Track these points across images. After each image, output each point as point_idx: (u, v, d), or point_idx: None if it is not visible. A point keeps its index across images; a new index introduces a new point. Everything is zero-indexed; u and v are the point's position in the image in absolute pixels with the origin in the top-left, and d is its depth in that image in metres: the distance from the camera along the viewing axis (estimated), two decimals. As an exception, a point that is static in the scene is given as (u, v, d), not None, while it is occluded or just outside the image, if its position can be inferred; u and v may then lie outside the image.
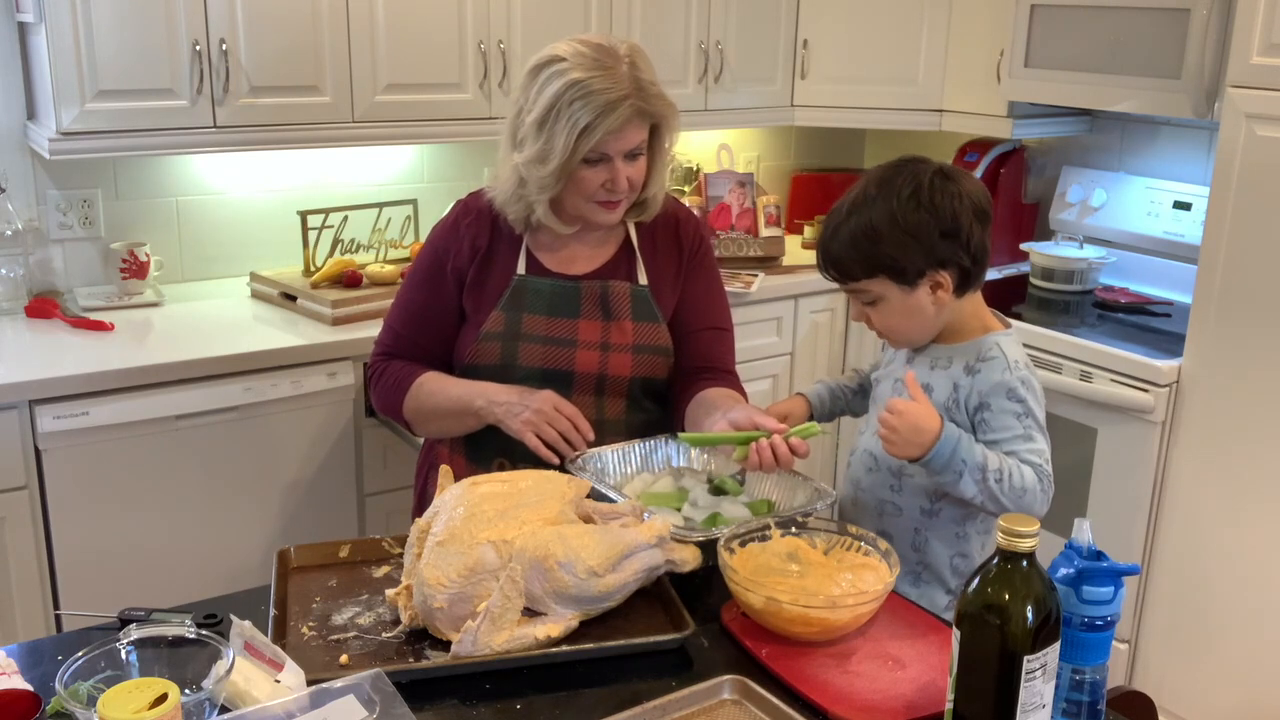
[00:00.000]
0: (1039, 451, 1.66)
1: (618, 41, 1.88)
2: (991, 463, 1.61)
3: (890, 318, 1.71)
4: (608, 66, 1.81)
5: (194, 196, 2.95)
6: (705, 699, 1.33)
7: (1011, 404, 1.66)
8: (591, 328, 1.95)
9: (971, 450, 1.61)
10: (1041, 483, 1.64)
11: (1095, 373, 2.71)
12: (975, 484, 1.61)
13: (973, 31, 3.28)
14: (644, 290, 1.99)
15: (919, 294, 1.67)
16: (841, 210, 1.70)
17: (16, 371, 2.27)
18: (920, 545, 1.76)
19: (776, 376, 3.33)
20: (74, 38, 2.41)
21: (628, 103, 1.80)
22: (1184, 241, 3.09)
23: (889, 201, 1.64)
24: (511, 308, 1.95)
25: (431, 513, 1.53)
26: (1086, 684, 1.23)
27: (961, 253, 1.65)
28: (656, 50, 3.19)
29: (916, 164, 1.69)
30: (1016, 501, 1.62)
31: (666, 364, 2.00)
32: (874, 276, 1.67)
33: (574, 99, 1.80)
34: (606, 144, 1.82)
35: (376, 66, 2.77)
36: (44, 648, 1.43)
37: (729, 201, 3.35)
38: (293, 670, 1.27)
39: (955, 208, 1.64)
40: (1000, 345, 1.70)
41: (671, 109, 1.90)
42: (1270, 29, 2.37)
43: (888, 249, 1.64)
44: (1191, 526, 2.62)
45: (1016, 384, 1.67)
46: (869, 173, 1.72)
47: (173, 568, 2.45)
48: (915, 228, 1.63)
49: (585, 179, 1.86)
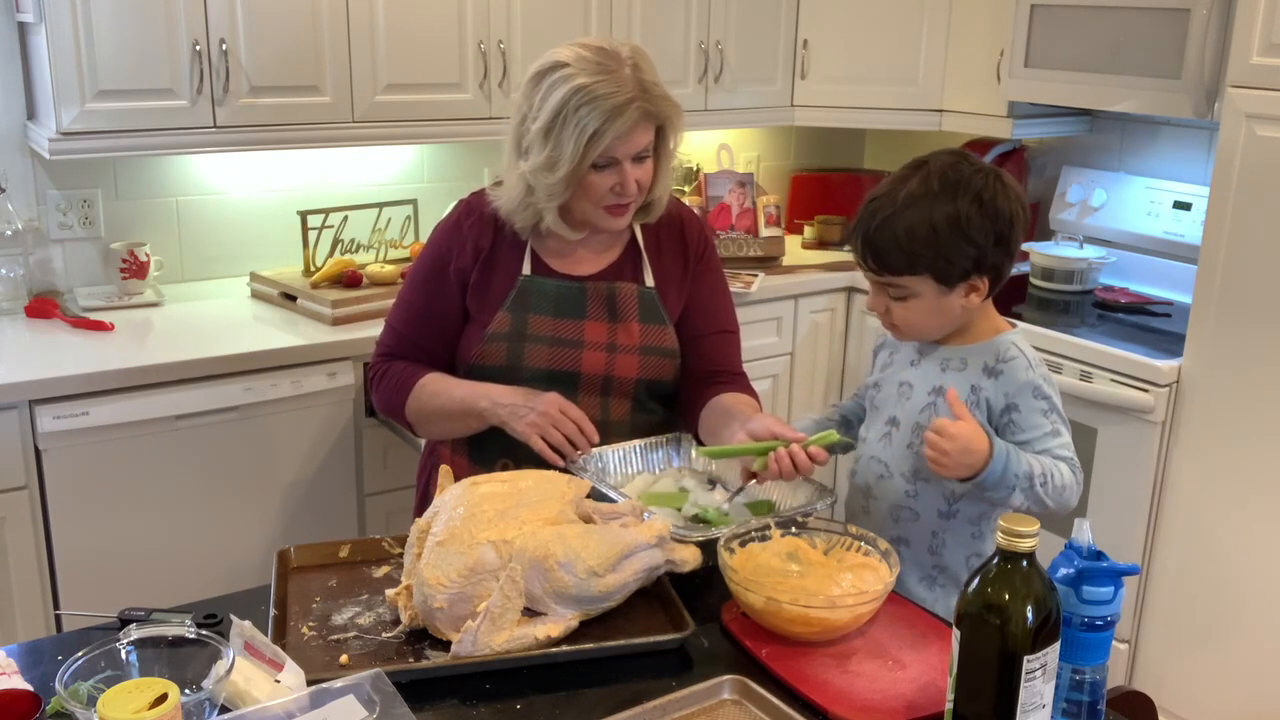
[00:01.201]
0: (1068, 444, 1.67)
1: (619, 44, 1.87)
2: (1036, 470, 1.61)
3: (917, 315, 1.69)
4: (611, 70, 1.81)
5: (194, 196, 2.95)
6: (705, 699, 1.33)
7: (1039, 402, 1.67)
8: (598, 329, 1.94)
9: (1019, 463, 1.60)
10: (1076, 475, 1.66)
11: (1095, 373, 2.71)
12: (1024, 494, 1.61)
13: (973, 31, 3.28)
14: (651, 292, 1.98)
15: (954, 295, 1.65)
16: (895, 201, 1.62)
17: (16, 371, 2.27)
18: (937, 548, 1.75)
19: (776, 376, 3.33)
20: (74, 38, 2.41)
21: (634, 105, 1.80)
22: (1184, 241, 3.09)
23: (954, 203, 1.59)
24: (517, 309, 1.94)
25: (431, 513, 1.53)
26: (1086, 684, 1.23)
27: (1005, 259, 1.65)
28: (656, 50, 3.18)
29: (971, 161, 1.64)
30: (1058, 499, 1.63)
31: (673, 366, 1.99)
32: (918, 274, 1.63)
33: (580, 104, 1.79)
34: (615, 148, 1.82)
35: (376, 66, 2.77)
36: (44, 648, 1.43)
37: (729, 201, 3.35)
38: (293, 670, 1.27)
39: (1014, 213, 1.63)
40: (1017, 345, 1.71)
41: (676, 109, 1.89)
42: (1270, 29, 2.37)
43: (944, 250, 1.60)
44: (1191, 526, 2.62)
45: (1040, 382, 1.68)
46: (922, 165, 1.65)
47: (173, 568, 2.45)
48: (976, 233, 1.60)
49: (594, 184, 1.85)
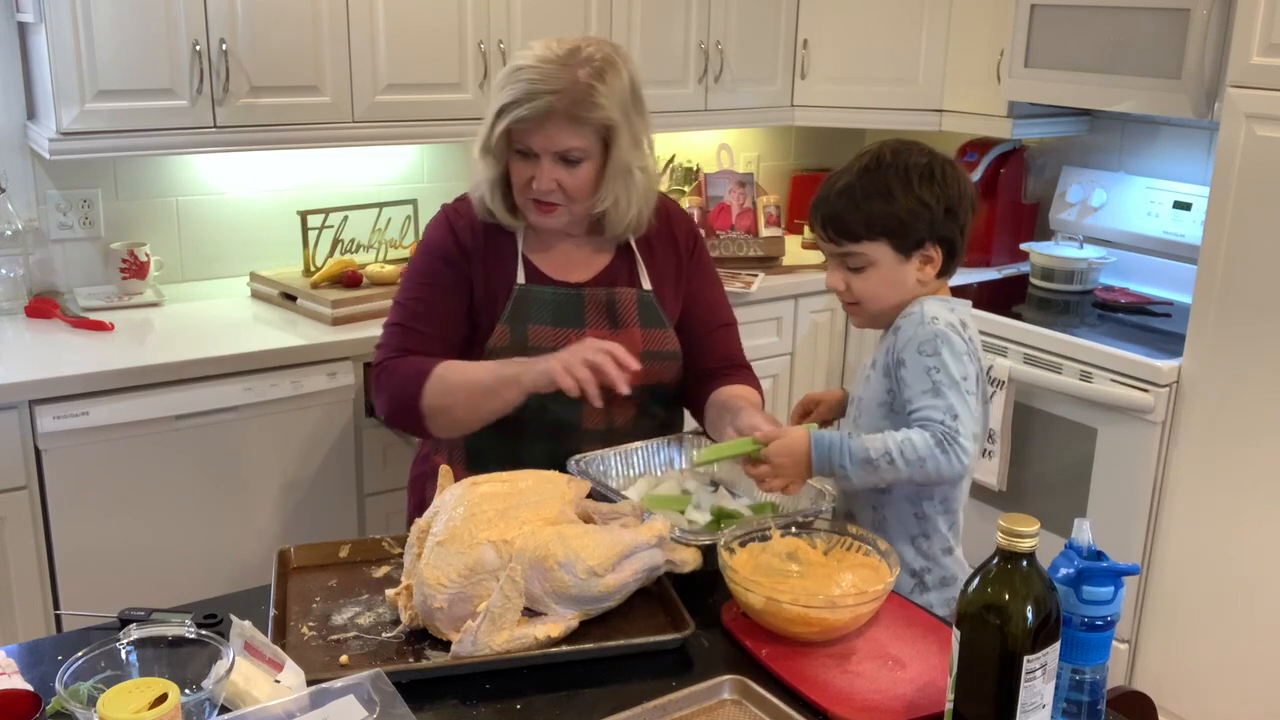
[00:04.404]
0: (945, 408, 1.61)
1: (601, 52, 1.84)
2: (874, 449, 1.60)
3: (875, 286, 1.72)
4: (562, 64, 1.80)
5: (194, 196, 2.95)
6: (705, 699, 1.33)
7: (923, 358, 1.65)
8: (600, 336, 1.89)
9: (846, 447, 1.61)
10: (941, 444, 1.59)
11: (1095, 373, 2.71)
12: (867, 474, 1.61)
13: (973, 31, 3.28)
14: (650, 295, 1.97)
15: (910, 265, 1.70)
16: (850, 171, 1.72)
17: (16, 371, 2.27)
18: (880, 524, 1.76)
19: (776, 376, 3.33)
20: (74, 38, 2.41)
21: (552, 97, 1.78)
22: (1184, 241, 3.09)
23: (903, 169, 1.68)
24: (515, 320, 1.91)
25: (431, 513, 1.53)
26: (1086, 684, 1.23)
27: (958, 234, 1.71)
28: (656, 50, 3.20)
29: (921, 147, 1.73)
30: (920, 472, 1.60)
31: (675, 368, 1.99)
32: (876, 239, 1.69)
33: (506, 82, 1.81)
34: (529, 137, 1.81)
35: (376, 66, 2.77)
36: (44, 648, 1.43)
37: (729, 201, 3.35)
38: (293, 670, 1.27)
39: (961, 189, 1.71)
40: (923, 304, 1.71)
41: (617, 123, 1.83)
42: (1270, 29, 2.37)
43: (898, 211, 1.67)
44: (1191, 526, 2.62)
45: (930, 336, 1.65)
46: (872, 146, 1.74)
47: (173, 568, 2.45)
48: (928, 195, 1.67)
49: (515, 170, 1.86)
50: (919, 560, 1.76)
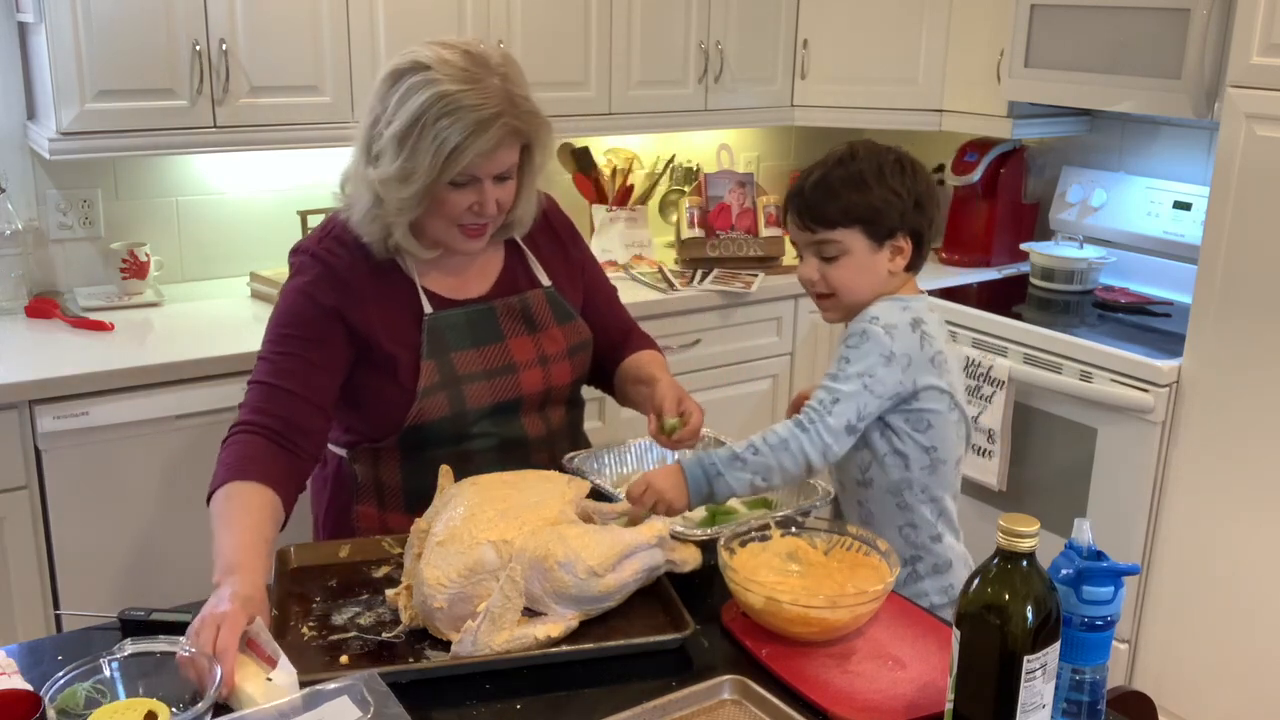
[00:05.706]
0: (833, 390, 1.66)
1: (489, 49, 1.72)
2: (740, 444, 1.64)
3: (847, 276, 1.74)
4: (478, 79, 1.64)
5: (194, 196, 2.95)
6: (705, 699, 1.33)
7: (843, 348, 1.71)
8: (523, 345, 1.83)
9: (715, 451, 1.65)
10: (801, 424, 1.64)
11: (1095, 373, 2.71)
12: (744, 473, 1.63)
13: (973, 31, 3.28)
14: (553, 291, 1.90)
15: (881, 255, 1.74)
16: (824, 164, 1.76)
17: (16, 371, 2.27)
18: (866, 519, 1.79)
19: (776, 376, 3.33)
20: (74, 38, 2.41)
21: (501, 121, 1.64)
22: (1184, 241, 3.09)
23: (875, 162, 1.73)
24: (436, 352, 1.76)
25: (431, 513, 1.54)
26: (1086, 684, 1.23)
27: (926, 227, 1.76)
28: (657, 50, 3.20)
29: (890, 147, 1.78)
30: (788, 455, 1.63)
31: (590, 354, 1.96)
32: (850, 226, 1.72)
33: (441, 114, 1.62)
34: (476, 166, 1.66)
35: (376, 66, 2.75)
36: (44, 648, 1.43)
37: (729, 201, 3.35)
38: (285, 669, 1.26)
39: (929, 185, 1.77)
40: (876, 304, 1.75)
41: (545, 126, 1.74)
42: (1270, 29, 2.37)
43: (872, 199, 1.71)
44: (1191, 526, 2.62)
45: (858, 332, 1.70)
46: (842, 145, 1.78)
47: (173, 568, 2.45)
48: (899, 185, 1.72)
49: (450, 202, 1.69)
50: (908, 549, 1.78)
